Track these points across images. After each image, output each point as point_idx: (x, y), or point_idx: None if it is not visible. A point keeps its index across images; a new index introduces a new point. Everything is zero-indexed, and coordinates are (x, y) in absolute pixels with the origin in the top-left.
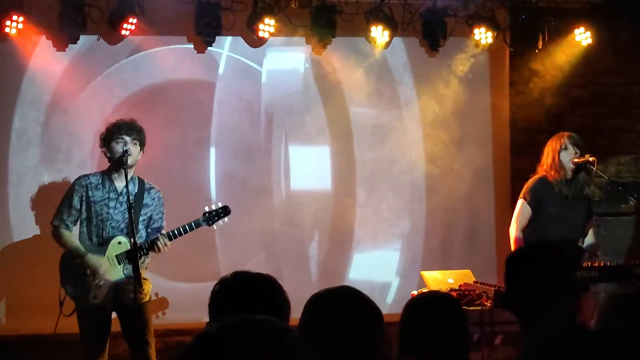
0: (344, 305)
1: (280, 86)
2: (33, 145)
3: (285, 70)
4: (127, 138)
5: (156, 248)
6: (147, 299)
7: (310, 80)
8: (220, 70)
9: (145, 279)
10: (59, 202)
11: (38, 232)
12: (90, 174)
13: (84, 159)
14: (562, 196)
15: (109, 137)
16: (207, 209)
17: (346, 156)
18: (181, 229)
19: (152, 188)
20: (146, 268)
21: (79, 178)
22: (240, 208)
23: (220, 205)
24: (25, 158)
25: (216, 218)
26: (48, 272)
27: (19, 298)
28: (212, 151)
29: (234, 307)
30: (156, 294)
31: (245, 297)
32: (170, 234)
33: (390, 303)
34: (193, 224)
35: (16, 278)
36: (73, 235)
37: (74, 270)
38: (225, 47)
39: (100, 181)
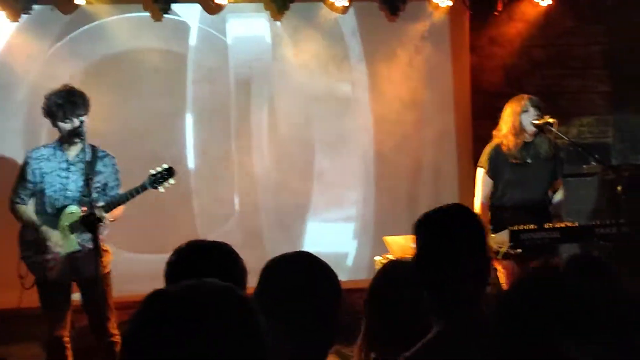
0: (299, 269)
1: (245, 54)
2: None
3: (247, 37)
4: (74, 118)
5: (100, 216)
6: (106, 271)
7: (272, 48)
8: (180, 37)
9: (105, 250)
10: (16, 177)
11: None
12: (42, 146)
13: (39, 129)
14: (517, 162)
15: (52, 115)
16: (152, 171)
17: (306, 123)
18: (127, 194)
19: (106, 155)
20: (103, 239)
21: (30, 151)
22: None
23: (165, 166)
24: None
25: (161, 180)
26: (8, 245)
27: None
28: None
29: (189, 276)
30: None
31: (201, 265)
32: (113, 200)
33: (350, 268)
34: (140, 188)
35: None
36: (28, 209)
37: (31, 244)
38: (184, 15)
39: (52, 152)
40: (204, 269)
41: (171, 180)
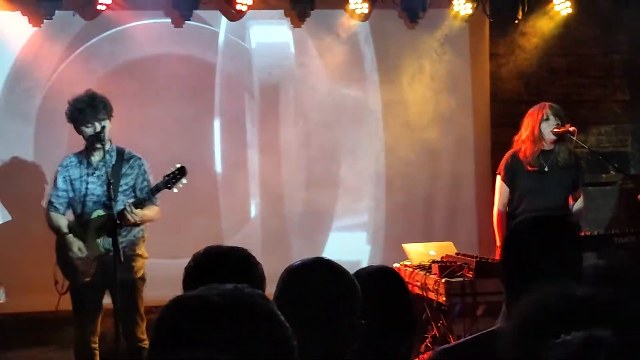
0: (318, 275)
1: (265, 61)
2: (10, 121)
3: (268, 43)
4: (95, 122)
5: (125, 219)
6: (138, 275)
7: (293, 54)
8: (201, 44)
9: (137, 254)
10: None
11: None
12: (71, 154)
13: (60, 134)
14: (534, 170)
15: (74, 120)
16: (167, 171)
17: (329, 131)
18: (142, 198)
19: (132, 157)
20: (138, 243)
21: (62, 160)
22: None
23: (177, 166)
24: (8, 133)
25: (173, 180)
26: (48, 250)
27: (19, 277)
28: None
29: (207, 282)
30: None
31: (219, 271)
32: (132, 203)
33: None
34: (154, 189)
35: (17, 257)
36: (58, 217)
37: (65, 250)
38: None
39: (78, 159)
40: (222, 275)
41: (183, 180)
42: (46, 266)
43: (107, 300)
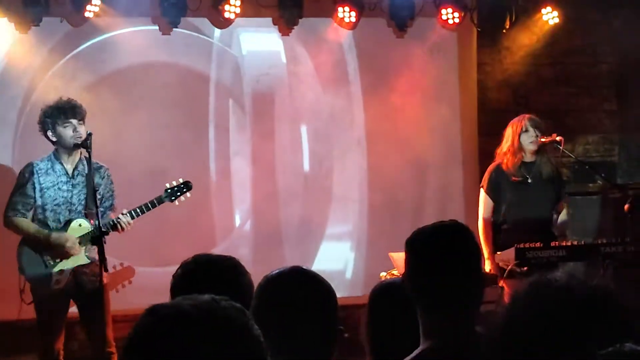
0: (295, 284)
1: (254, 69)
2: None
3: (256, 51)
4: (74, 121)
5: (119, 227)
6: (105, 282)
7: (284, 62)
8: (189, 51)
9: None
10: (10, 192)
11: None
12: (38, 160)
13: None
14: (518, 182)
15: (52, 121)
16: (168, 185)
17: (319, 140)
18: (143, 207)
19: (101, 167)
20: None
21: (27, 165)
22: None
23: (181, 180)
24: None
25: (178, 194)
26: (5, 260)
27: None
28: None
29: (194, 290)
30: (121, 263)
31: (207, 280)
32: (133, 212)
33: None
34: (155, 201)
35: None
36: (29, 221)
37: (34, 257)
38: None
39: (49, 166)
40: (209, 284)
41: (188, 194)
42: (5, 277)
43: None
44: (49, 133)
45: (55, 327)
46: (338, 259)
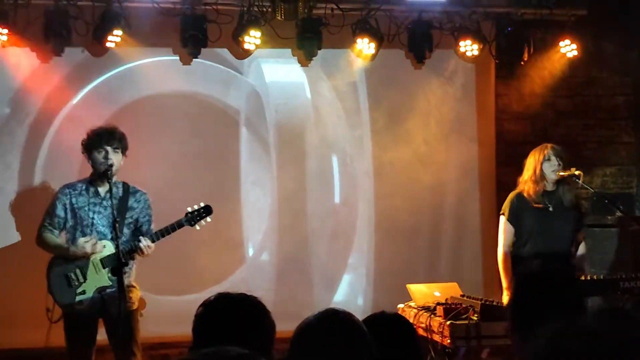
0: (331, 334)
1: (277, 98)
2: (15, 155)
3: (275, 82)
4: (109, 148)
5: (139, 251)
6: (134, 307)
7: (306, 92)
8: (211, 82)
9: (133, 286)
10: (44, 213)
11: (19, 239)
12: (75, 182)
13: (68, 169)
14: (540, 209)
15: (90, 146)
16: (189, 209)
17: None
18: (164, 231)
19: (137, 191)
20: (131, 275)
21: (62, 187)
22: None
23: (202, 205)
24: (9, 167)
25: (198, 218)
26: (35, 281)
27: (6, 309)
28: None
29: (217, 330)
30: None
31: (229, 320)
32: (153, 235)
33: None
34: (176, 225)
35: (2, 288)
36: (54, 236)
37: (60, 276)
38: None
39: (83, 188)
40: (231, 323)
41: (208, 218)
42: (34, 300)
43: (101, 336)
44: (87, 157)
45: (82, 349)
46: (355, 291)
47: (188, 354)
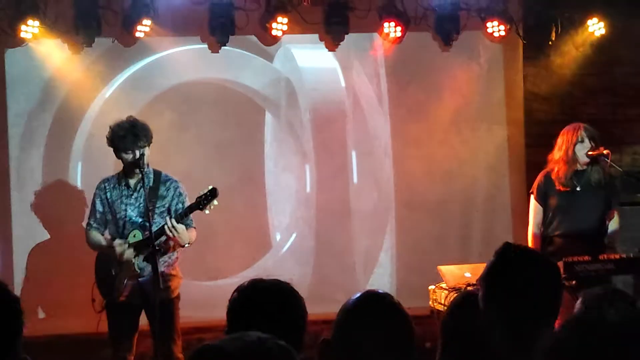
0: (373, 318)
1: (308, 84)
2: (48, 146)
3: (303, 68)
4: (136, 150)
5: (165, 234)
6: (174, 295)
7: (338, 77)
8: (240, 69)
9: (173, 275)
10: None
11: (63, 232)
12: (109, 177)
13: (102, 161)
14: (567, 189)
15: (116, 147)
16: (199, 193)
17: (371, 157)
18: (177, 216)
19: (169, 179)
20: (175, 262)
21: (99, 182)
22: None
23: (210, 187)
24: (58, 158)
25: (205, 202)
26: (86, 273)
27: (60, 298)
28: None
29: (250, 315)
30: None
31: (262, 305)
32: (175, 216)
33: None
34: (187, 209)
35: (58, 278)
36: (97, 234)
37: (103, 269)
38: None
39: (116, 181)
40: (265, 309)
41: (214, 202)
42: (86, 287)
43: (143, 322)
44: (115, 153)
45: (123, 338)
46: (387, 273)
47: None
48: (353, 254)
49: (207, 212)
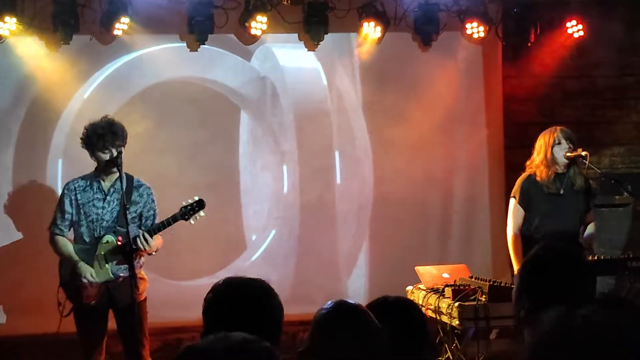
0: (345, 330)
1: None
2: (23, 143)
3: (282, 67)
4: (113, 149)
5: (136, 245)
6: (142, 298)
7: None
8: (218, 68)
9: (141, 278)
10: (55, 208)
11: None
12: (79, 178)
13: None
14: (551, 192)
15: (92, 146)
16: (184, 202)
17: (348, 156)
18: (159, 225)
19: (142, 185)
20: (141, 267)
21: (67, 183)
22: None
23: (196, 198)
24: (29, 156)
25: (191, 212)
26: (49, 272)
27: (21, 298)
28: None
29: (226, 314)
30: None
31: (237, 303)
32: (150, 230)
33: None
34: (171, 219)
35: (18, 278)
36: (68, 244)
37: (69, 273)
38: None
39: (88, 183)
40: (240, 307)
41: (201, 213)
42: (48, 288)
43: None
44: (89, 152)
45: (94, 341)
46: (365, 274)
47: (200, 339)
48: (333, 255)
49: (192, 222)
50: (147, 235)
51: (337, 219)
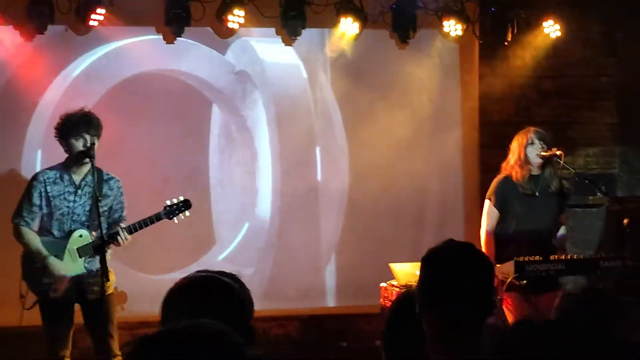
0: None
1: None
2: (3, 134)
3: (258, 61)
4: (87, 136)
5: (116, 242)
6: (110, 292)
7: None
8: (194, 61)
9: (109, 271)
10: (20, 199)
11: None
12: (48, 169)
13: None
14: (526, 194)
15: (66, 132)
16: (168, 202)
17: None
18: (142, 223)
19: (111, 178)
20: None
21: (36, 174)
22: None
23: (181, 198)
24: (8, 145)
25: (177, 212)
26: (9, 264)
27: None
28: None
29: (192, 307)
30: (115, 288)
31: (206, 296)
32: (131, 227)
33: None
34: (154, 217)
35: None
36: (34, 234)
37: (35, 265)
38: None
39: (58, 175)
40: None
41: (187, 213)
42: (7, 279)
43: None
44: (62, 142)
45: (60, 335)
46: (339, 269)
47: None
48: (307, 251)
49: (176, 221)
50: (126, 234)
51: (314, 215)
